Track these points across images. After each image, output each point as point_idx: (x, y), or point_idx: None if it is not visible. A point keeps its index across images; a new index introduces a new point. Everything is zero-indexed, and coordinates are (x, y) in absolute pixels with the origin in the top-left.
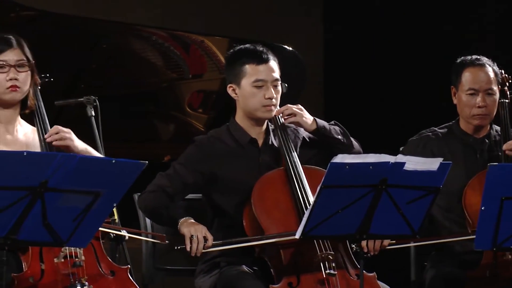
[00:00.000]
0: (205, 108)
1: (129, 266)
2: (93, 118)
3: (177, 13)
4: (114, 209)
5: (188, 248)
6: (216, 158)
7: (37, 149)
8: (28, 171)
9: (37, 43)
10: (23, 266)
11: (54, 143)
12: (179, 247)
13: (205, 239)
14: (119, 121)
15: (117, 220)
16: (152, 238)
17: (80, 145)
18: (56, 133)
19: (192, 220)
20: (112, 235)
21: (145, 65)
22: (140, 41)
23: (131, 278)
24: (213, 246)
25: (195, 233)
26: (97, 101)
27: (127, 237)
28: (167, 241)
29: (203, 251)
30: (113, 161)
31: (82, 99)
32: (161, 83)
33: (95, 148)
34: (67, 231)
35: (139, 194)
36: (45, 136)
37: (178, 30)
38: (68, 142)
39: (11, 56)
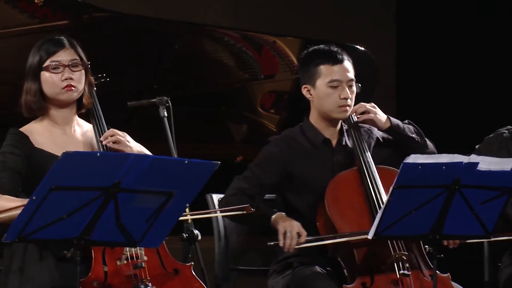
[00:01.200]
0: (277, 109)
1: (192, 263)
2: (165, 119)
3: (248, 14)
4: (187, 209)
5: (281, 244)
6: (291, 158)
7: (95, 148)
8: (101, 171)
9: (109, 44)
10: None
11: (109, 145)
12: (272, 243)
13: (299, 235)
14: (191, 121)
15: (189, 220)
16: (240, 210)
17: (135, 147)
18: (111, 136)
19: (286, 216)
20: (184, 235)
21: (217, 66)
22: (212, 42)
23: (195, 274)
24: (306, 242)
25: (289, 229)
26: (169, 101)
27: (199, 237)
28: (253, 209)
29: (296, 247)
30: (186, 162)
31: (154, 99)
32: (233, 84)
33: (168, 149)
34: (140, 231)
35: (211, 194)
36: (101, 138)
37: (250, 30)
38: (123, 147)
39: (64, 56)
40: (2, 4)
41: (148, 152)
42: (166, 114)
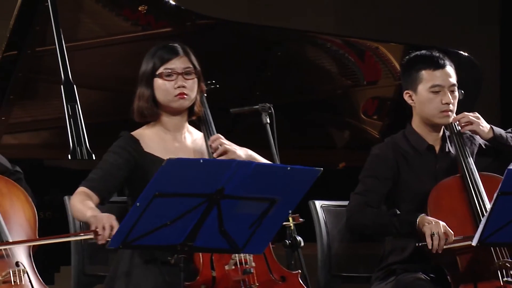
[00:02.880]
0: (380, 115)
1: (299, 271)
2: (268, 125)
3: (350, 20)
4: (289, 216)
5: (430, 246)
6: (396, 164)
7: (205, 155)
8: (204, 178)
9: (213, 51)
10: (196, 276)
11: (214, 155)
12: (420, 244)
13: (446, 235)
14: (293, 128)
15: (292, 227)
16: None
17: (244, 154)
18: (216, 139)
19: (429, 217)
20: (287, 242)
21: (320, 72)
22: (314, 48)
23: (302, 283)
24: (454, 242)
25: (435, 230)
26: (272, 108)
27: (302, 244)
28: (301, 220)
29: (444, 247)
30: (288, 168)
31: (257, 106)
32: (335, 90)
33: (271, 155)
34: (243, 237)
35: (314, 200)
36: (209, 141)
37: (353, 37)
38: (232, 155)
39: (178, 64)
40: (106, 12)
41: (257, 156)
42: (268, 121)
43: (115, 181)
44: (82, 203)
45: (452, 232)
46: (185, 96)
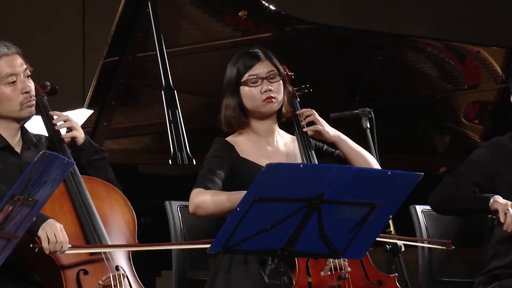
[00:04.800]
0: (481, 119)
1: (396, 274)
2: (368, 130)
3: (451, 24)
4: (390, 221)
5: (502, 220)
6: (499, 162)
7: (298, 158)
8: (304, 183)
9: (312, 56)
10: (293, 281)
11: (305, 129)
12: (493, 217)
13: None
14: (393, 132)
15: (393, 232)
16: (440, 245)
17: (332, 131)
18: (309, 115)
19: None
20: (388, 246)
21: (420, 76)
22: (414, 53)
23: (399, 286)
24: None
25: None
26: (372, 113)
27: (403, 249)
28: (453, 247)
29: None
30: (389, 173)
31: (357, 111)
32: (436, 94)
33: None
34: (344, 242)
35: (415, 205)
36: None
37: (453, 40)
38: (320, 127)
39: (261, 69)
40: (206, 18)
41: (349, 141)
42: (368, 125)
43: (220, 183)
44: (216, 195)
45: None
46: (273, 99)
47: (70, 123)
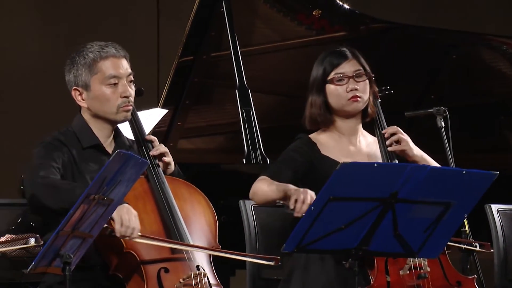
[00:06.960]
0: None
1: (475, 276)
2: (443, 129)
3: None
4: (465, 220)
5: None
6: None
7: (379, 160)
8: (379, 182)
9: (386, 55)
10: (370, 280)
11: (390, 148)
12: None
13: None
14: (468, 131)
15: (468, 231)
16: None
17: (416, 149)
18: (394, 134)
19: None
20: (463, 246)
21: (495, 75)
22: (490, 51)
23: None
24: None
25: None
26: (447, 111)
27: (478, 248)
28: (492, 250)
29: None
30: (464, 172)
31: (432, 110)
32: (511, 93)
33: (445, 159)
34: (418, 241)
35: (490, 205)
36: (383, 131)
37: None
38: (405, 146)
39: (348, 67)
40: (280, 17)
41: (429, 158)
42: (443, 124)
43: (291, 176)
44: (270, 185)
45: None
46: (358, 98)
47: (165, 149)
